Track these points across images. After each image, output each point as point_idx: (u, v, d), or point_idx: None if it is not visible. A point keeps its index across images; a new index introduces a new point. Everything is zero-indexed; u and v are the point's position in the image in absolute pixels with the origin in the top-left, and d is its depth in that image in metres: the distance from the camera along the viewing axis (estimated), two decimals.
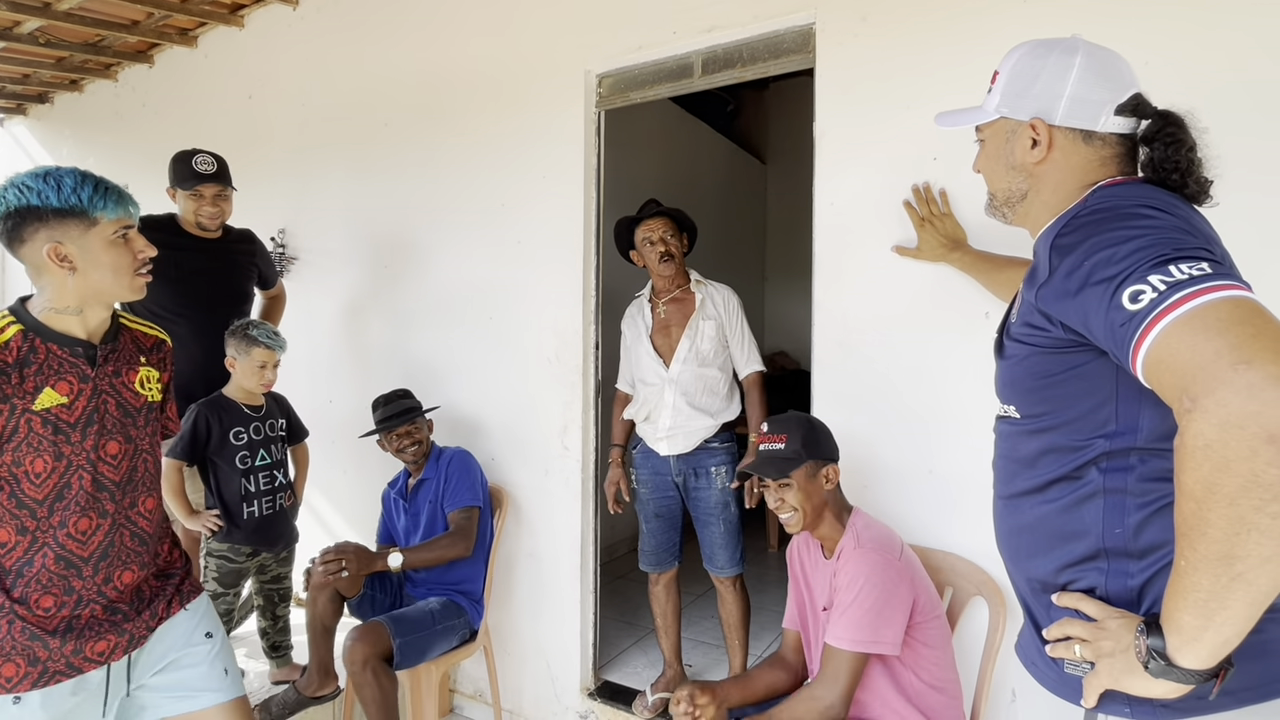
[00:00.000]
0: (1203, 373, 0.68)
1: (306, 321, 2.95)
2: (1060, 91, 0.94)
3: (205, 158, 2.32)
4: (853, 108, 1.91)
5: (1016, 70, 0.98)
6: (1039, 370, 0.92)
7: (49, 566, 1.26)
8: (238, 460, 2.21)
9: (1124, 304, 0.75)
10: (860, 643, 1.39)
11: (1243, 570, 0.68)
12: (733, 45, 2.15)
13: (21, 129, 4.70)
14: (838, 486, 1.57)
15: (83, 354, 1.30)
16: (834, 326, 1.97)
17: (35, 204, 1.19)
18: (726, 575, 2.28)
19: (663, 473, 2.34)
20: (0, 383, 1.19)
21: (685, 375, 2.26)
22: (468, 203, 2.66)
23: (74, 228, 1.22)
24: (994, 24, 1.72)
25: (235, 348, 2.20)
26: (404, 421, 2.32)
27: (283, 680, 2.38)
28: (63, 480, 1.26)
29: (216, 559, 2.23)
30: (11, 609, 1.24)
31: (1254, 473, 0.65)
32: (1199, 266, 0.73)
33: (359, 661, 1.98)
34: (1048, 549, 0.95)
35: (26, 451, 1.22)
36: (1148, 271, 0.74)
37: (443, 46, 2.70)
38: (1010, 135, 0.99)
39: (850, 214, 1.93)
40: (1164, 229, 0.78)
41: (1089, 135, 0.95)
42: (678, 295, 2.36)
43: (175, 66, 3.65)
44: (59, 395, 1.25)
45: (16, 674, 1.23)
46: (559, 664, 2.50)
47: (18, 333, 1.23)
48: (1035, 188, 0.98)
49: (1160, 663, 0.76)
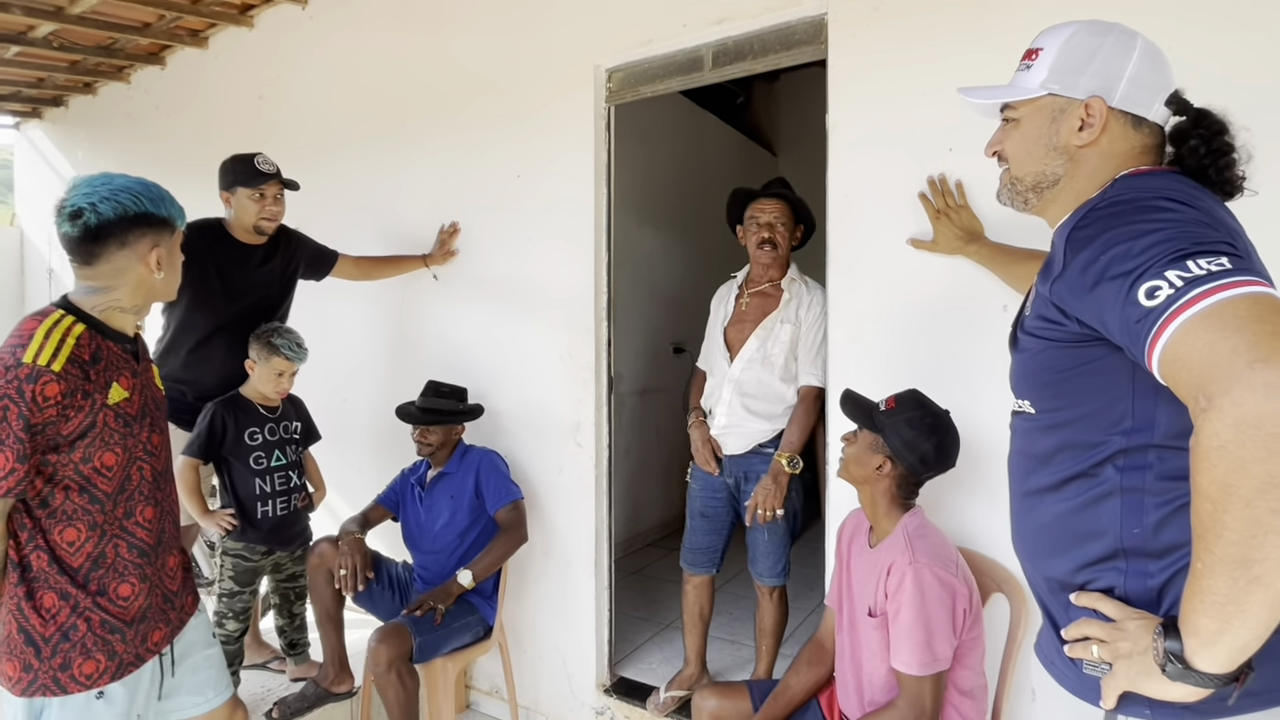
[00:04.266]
0: (1219, 371, 0.67)
1: (321, 321, 2.96)
2: (1120, 72, 0.90)
3: (266, 158, 2.28)
4: (866, 99, 1.89)
5: (1070, 46, 0.93)
6: (1053, 364, 0.90)
7: (123, 555, 1.32)
8: (253, 460, 2.22)
9: (1140, 299, 0.73)
10: (929, 664, 1.39)
11: (1260, 573, 0.66)
12: (743, 37, 2.12)
13: (38, 132, 4.74)
14: (895, 482, 1.53)
15: (130, 350, 1.36)
16: (848, 320, 1.95)
17: (150, 211, 1.30)
18: (766, 584, 2.22)
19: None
20: (82, 380, 1.22)
21: (746, 377, 2.16)
22: (478, 199, 2.65)
23: (166, 234, 1.34)
24: (1012, 13, 1.69)
25: (256, 352, 2.21)
26: (427, 421, 2.31)
27: (301, 677, 2.41)
28: (126, 473, 1.32)
29: (232, 558, 2.25)
30: (91, 603, 1.27)
31: (1270, 474, 0.64)
32: (1218, 261, 0.71)
33: (384, 663, 1.99)
34: (1065, 548, 0.93)
35: (99, 447, 1.26)
36: (1165, 266, 0.72)
37: (451, 43, 2.69)
38: (1058, 114, 0.93)
39: (864, 207, 1.91)
40: (1184, 222, 0.76)
41: (1139, 122, 0.91)
42: (766, 289, 2.23)
43: (186, 68, 3.67)
44: (123, 390, 1.30)
45: (97, 670, 1.28)
46: (574, 660, 2.51)
47: (84, 330, 1.26)
48: (1071, 173, 0.94)
49: (1178, 666, 0.75)
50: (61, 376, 1.19)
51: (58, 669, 1.25)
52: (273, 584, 2.41)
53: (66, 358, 1.20)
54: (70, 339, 1.22)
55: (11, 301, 5.01)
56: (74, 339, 1.23)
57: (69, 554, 1.26)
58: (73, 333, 1.23)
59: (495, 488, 2.30)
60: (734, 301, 2.28)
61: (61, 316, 1.25)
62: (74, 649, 1.26)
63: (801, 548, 2.37)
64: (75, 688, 1.26)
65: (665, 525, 4.29)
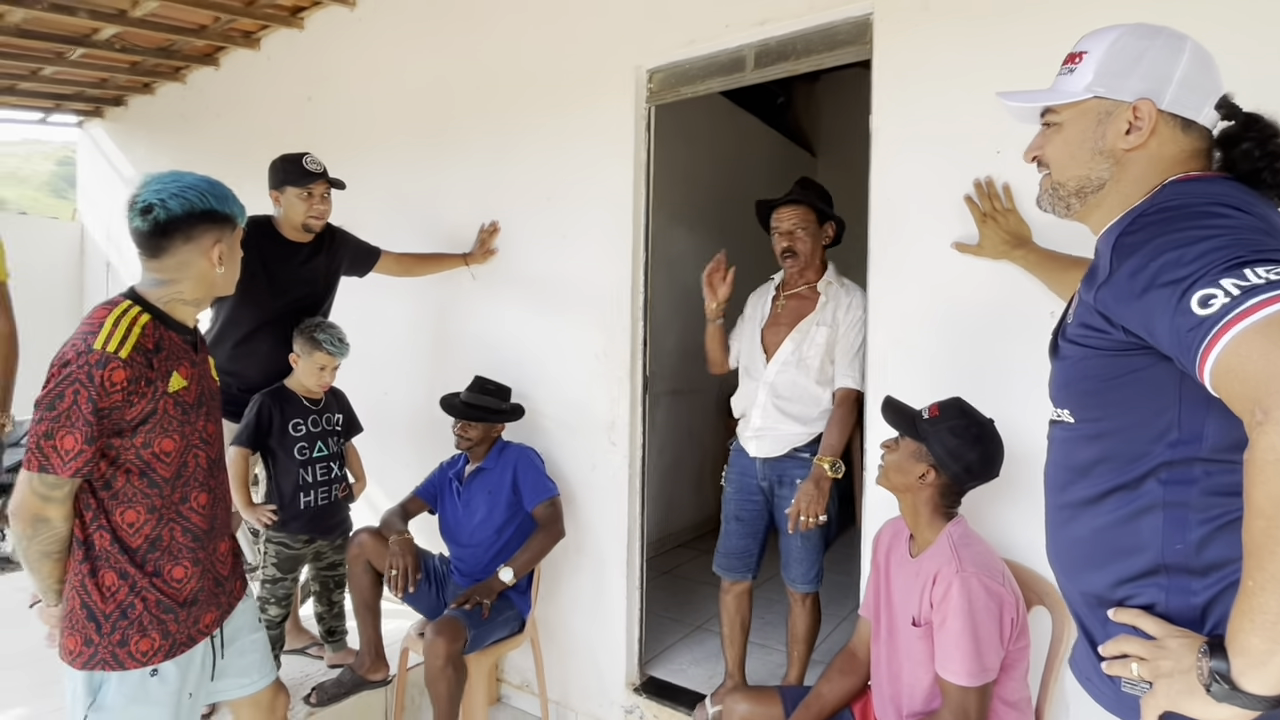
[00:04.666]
0: (1276, 383, 0.66)
1: (363, 315, 3.03)
2: (1170, 74, 0.88)
3: (313, 157, 2.33)
4: (912, 100, 1.86)
5: (1117, 49, 0.91)
6: (1096, 373, 0.88)
7: (178, 539, 1.37)
8: (296, 451, 2.28)
9: (1193, 308, 0.71)
10: (977, 675, 1.37)
11: None
12: (786, 38, 2.11)
13: (99, 131, 4.94)
14: (937, 491, 1.50)
15: (189, 341, 1.41)
16: (891, 324, 1.92)
17: (216, 208, 1.36)
18: (799, 590, 2.19)
19: (750, 475, 2.25)
20: (145, 368, 1.28)
21: (781, 380, 2.15)
22: (517, 199, 2.68)
23: (228, 230, 1.40)
24: (1066, 14, 1.64)
25: (300, 346, 2.28)
26: (470, 417, 2.34)
27: (338, 664, 2.46)
28: (183, 459, 1.37)
29: (275, 545, 2.31)
30: (148, 583, 1.33)
31: None
32: (1277, 270, 0.69)
33: (442, 657, 2.00)
34: (1104, 562, 0.91)
35: (159, 433, 1.31)
36: (1220, 274, 0.71)
37: (496, 45, 2.73)
38: (1104, 117, 0.92)
39: (907, 209, 1.88)
40: (1240, 229, 0.74)
41: (1188, 125, 0.89)
42: (803, 292, 2.20)
43: (239, 69, 3.78)
44: (182, 379, 1.35)
45: (152, 647, 1.33)
46: (605, 658, 2.52)
47: (149, 320, 1.32)
48: (1117, 177, 0.92)
49: (1224, 686, 0.73)
50: (128, 363, 1.24)
51: (116, 645, 1.30)
52: (313, 572, 2.47)
53: (133, 346, 1.26)
54: (137, 328, 1.28)
55: (71, 293, 5.23)
56: (140, 328, 1.29)
57: (129, 535, 1.32)
58: (139, 322, 1.29)
59: (532, 484, 2.32)
60: (770, 304, 2.27)
61: (129, 306, 1.31)
62: (131, 626, 1.31)
63: (835, 554, 2.34)
64: (132, 664, 1.31)
65: (697, 526, 4.28)
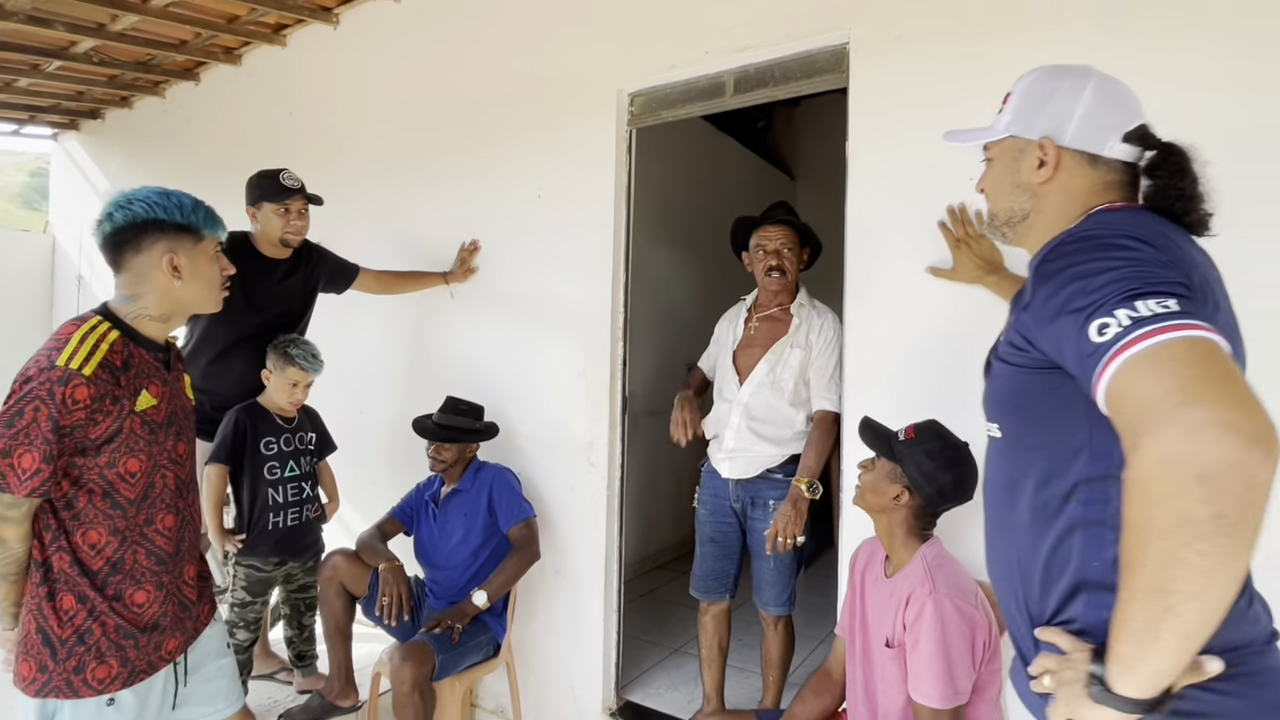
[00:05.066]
0: (1150, 410, 0.71)
1: (340, 333, 3.00)
2: (1071, 112, 0.96)
3: (291, 174, 2.32)
4: (886, 127, 1.90)
5: (1030, 91, 1.00)
6: (1021, 389, 0.94)
7: (141, 562, 1.33)
8: (267, 470, 2.24)
9: (1091, 335, 0.77)
10: (949, 697, 1.36)
11: (1173, 604, 0.70)
12: (765, 65, 2.15)
13: (74, 143, 4.88)
14: (912, 512, 1.51)
15: (161, 359, 1.38)
16: (866, 349, 1.94)
17: (161, 218, 1.32)
18: (770, 613, 2.17)
19: (722, 496, 2.24)
20: (112, 385, 1.25)
21: (755, 401, 2.14)
22: (499, 218, 2.69)
23: (187, 242, 1.35)
24: (1029, 45, 1.70)
25: (273, 362, 2.25)
26: (443, 438, 2.32)
27: (307, 689, 2.41)
28: (150, 480, 1.33)
29: (245, 568, 2.26)
30: (107, 608, 1.29)
31: (1184, 510, 0.68)
32: (1165, 303, 0.74)
33: (408, 682, 1.95)
34: (1034, 579, 0.95)
35: (124, 452, 1.28)
36: (1116, 305, 0.76)
37: (479, 66, 2.75)
38: (1018, 154, 1.00)
39: (883, 235, 1.91)
40: (1141, 261, 0.80)
41: (1095, 159, 0.96)
42: (775, 314, 2.21)
43: (220, 84, 3.77)
44: (151, 397, 1.32)
45: (109, 675, 1.28)
46: (581, 682, 2.49)
47: (119, 337, 1.29)
48: (1037, 208, 1.00)
49: (1100, 688, 0.78)
50: (91, 381, 1.21)
51: (71, 671, 1.26)
52: (284, 594, 2.41)
53: (98, 363, 1.23)
54: (104, 345, 1.26)
55: (41, 307, 5.12)
56: (108, 345, 1.26)
57: (90, 557, 1.28)
58: (107, 339, 1.27)
59: (508, 505, 2.30)
60: (743, 325, 2.27)
61: (99, 323, 1.29)
62: (88, 652, 1.27)
63: (814, 576, 2.34)
64: (87, 691, 1.26)
65: (676, 547, 4.25)
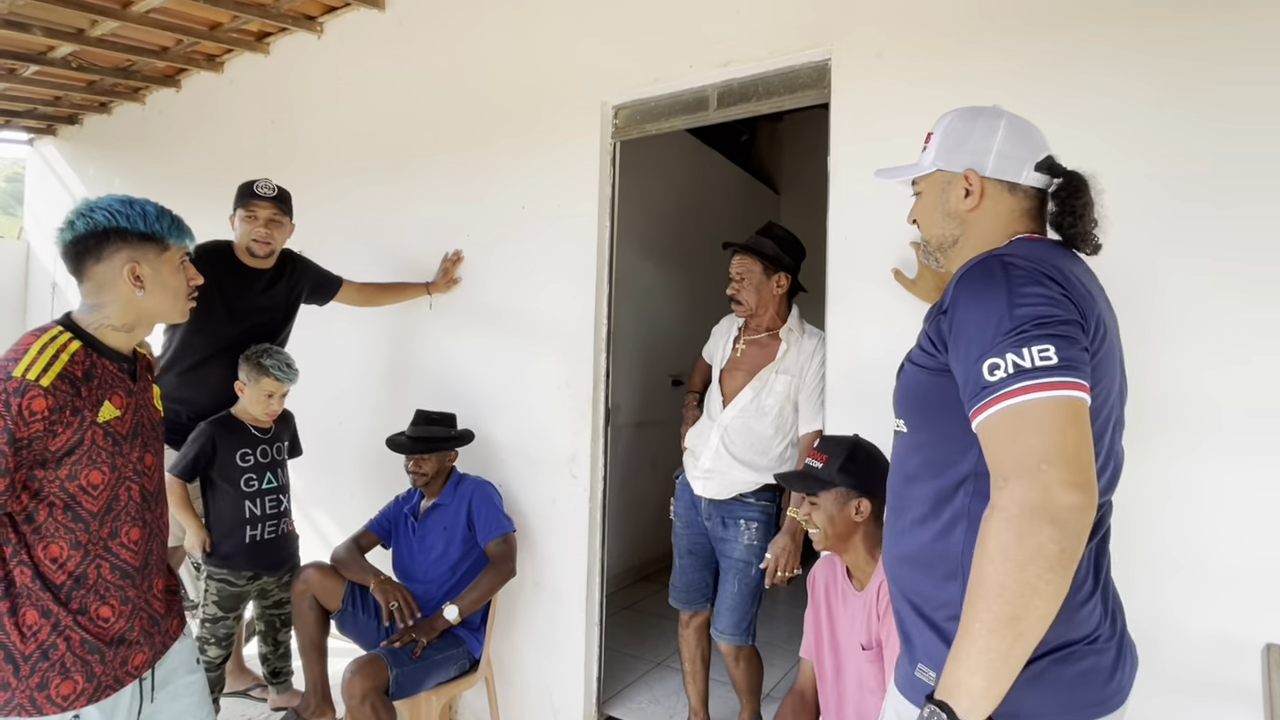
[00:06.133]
0: (1019, 460, 0.84)
1: (320, 344, 2.97)
2: (989, 148, 1.07)
3: (267, 182, 2.30)
4: (867, 143, 1.92)
5: (950, 130, 1.11)
6: (924, 389, 1.02)
7: (106, 576, 1.30)
8: (244, 483, 2.20)
9: (983, 373, 0.88)
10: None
11: (1023, 630, 0.81)
12: (748, 80, 2.17)
13: (50, 149, 4.81)
14: (871, 520, 1.53)
15: (126, 369, 1.36)
16: (846, 360, 1.95)
17: (124, 226, 1.30)
18: (728, 642, 2.11)
19: (695, 509, 2.22)
20: (72, 396, 1.22)
21: (735, 425, 2.12)
22: (482, 229, 2.68)
23: (150, 251, 1.33)
24: (1003, 64, 1.73)
25: (246, 373, 2.21)
26: (419, 450, 2.30)
27: (283, 706, 2.36)
28: (114, 492, 1.30)
29: (218, 582, 2.22)
30: (72, 622, 1.25)
31: (1039, 545, 0.80)
32: (1047, 355, 0.85)
33: (358, 696, 1.95)
34: (924, 566, 1.01)
35: (86, 465, 1.25)
36: (1006, 349, 0.86)
37: (463, 78, 2.75)
38: (946, 186, 1.10)
39: (863, 248, 1.92)
40: (1037, 303, 0.89)
41: (1013, 187, 1.07)
42: (762, 340, 2.18)
43: (201, 91, 3.73)
44: (115, 408, 1.29)
45: (74, 691, 1.25)
46: (561, 697, 2.46)
47: (80, 348, 1.27)
48: (966, 234, 1.09)
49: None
50: (50, 392, 1.19)
51: (35, 688, 1.22)
52: (258, 610, 2.37)
53: (57, 374, 1.20)
54: (65, 355, 1.23)
55: (14, 313, 5.03)
56: (68, 355, 1.23)
57: (52, 571, 1.25)
58: (67, 349, 1.24)
59: (486, 519, 2.27)
60: (731, 345, 2.25)
61: (60, 333, 1.26)
62: (52, 668, 1.23)
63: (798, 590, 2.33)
64: (51, 709, 1.23)
65: (659, 560, 4.23)
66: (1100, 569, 0.99)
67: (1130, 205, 1.50)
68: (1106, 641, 0.95)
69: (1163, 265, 1.57)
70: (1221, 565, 1.50)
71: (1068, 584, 0.82)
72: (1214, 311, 1.52)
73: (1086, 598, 0.95)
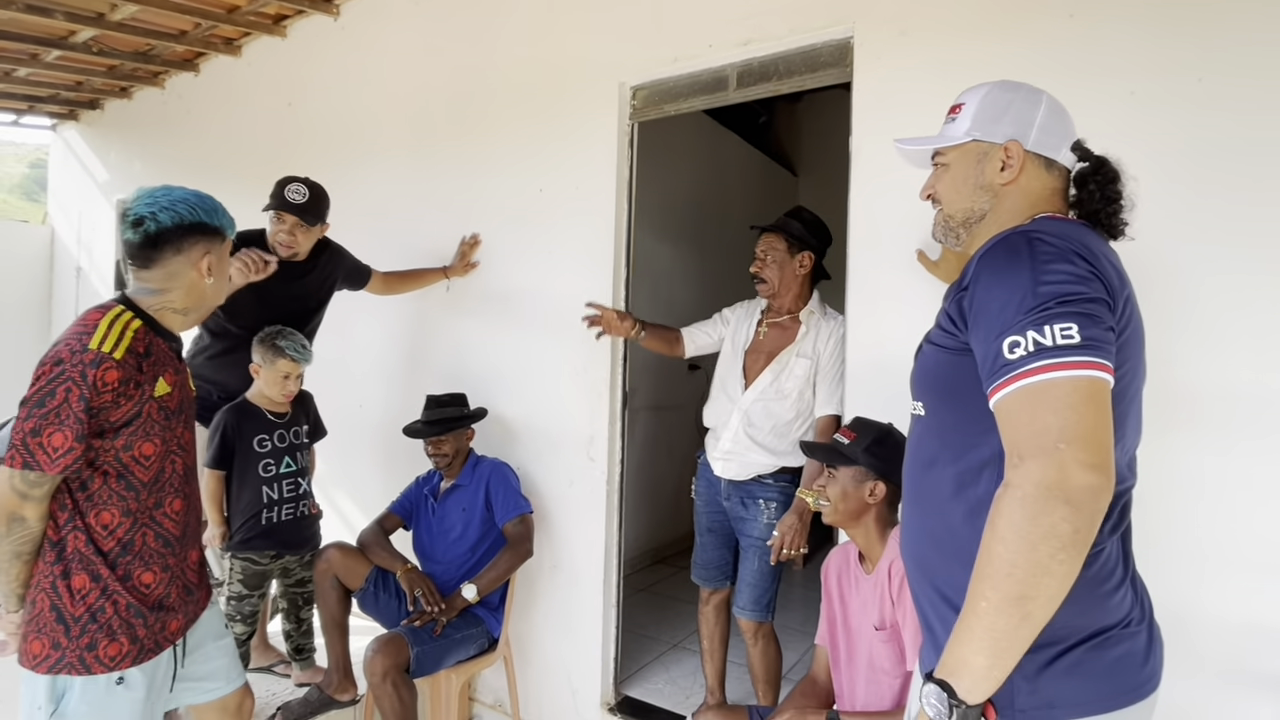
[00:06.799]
0: (1035, 439, 0.82)
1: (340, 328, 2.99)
2: (1032, 120, 1.04)
3: (299, 188, 2.29)
4: (890, 122, 1.88)
5: (988, 100, 1.07)
6: (944, 369, 1.00)
7: (150, 544, 1.37)
8: (261, 468, 2.23)
9: (1003, 350, 0.86)
10: None
11: (1030, 610, 0.79)
12: (769, 58, 2.13)
13: (73, 134, 4.86)
14: (885, 503, 1.53)
15: (175, 349, 1.44)
16: (868, 344, 1.93)
17: (204, 221, 1.41)
18: (748, 618, 2.13)
19: (715, 489, 2.23)
20: (135, 370, 1.30)
21: (756, 409, 2.12)
22: (499, 211, 2.67)
23: (218, 243, 1.44)
24: (1034, 41, 1.68)
25: (261, 355, 2.22)
26: (436, 432, 2.31)
27: (306, 682, 2.40)
28: (162, 464, 1.38)
29: (241, 561, 2.26)
30: (119, 586, 1.32)
31: (1052, 525, 0.79)
32: (1069, 333, 0.82)
33: (379, 673, 1.99)
34: (945, 552, 0.98)
35: (141, 436, 1.32)
36: (1028, 326, 0.84)
37: (480, 59, 2.73)
38: (982, 157, 1.06)
39: (886, 230, 1.90)
40: (1069, 280, 0.86)
41: (1050, 164, 1.04)
42: (784, 322, 2.17)
43: (219, 75, 3.75)
44: (167, 385, 1.37)
45: (120, 652, 1.32)
46: (579, 677, 2.48)
47: (141, 326, 1.34)
48: (995, 208, 1.06)
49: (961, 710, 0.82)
50: (121, 364, 1.27)
51: (84, 649, 1.29)
52: (281, 588, 2.41)
53: (126, 348, 1.28)
54: (130, 331, 1.31)
55: (40, 297, 5.11)
56: (133, 332, 1.31)
57: (102, 537, 1.32)
58: (131, 326, 1.32)
59: (504, 500, 2.29)
60: (754, 327, 2.24)
61: (122, 311, 1.33)
62: (100, 630, 1.30)
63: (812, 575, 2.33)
64: (99, 668, 1.29)
65: (675, 543, 4.25)
66: (1128, 555, 0.97)
67: (1162, 192, 1.47)
68: (1138, 625, 0.95)
69: (1188, 253, 1.53)
70: (1253, 555, 1.48)
71: (1079, 566, 0.79)
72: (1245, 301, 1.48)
73: (1118, 584, 0.93)
